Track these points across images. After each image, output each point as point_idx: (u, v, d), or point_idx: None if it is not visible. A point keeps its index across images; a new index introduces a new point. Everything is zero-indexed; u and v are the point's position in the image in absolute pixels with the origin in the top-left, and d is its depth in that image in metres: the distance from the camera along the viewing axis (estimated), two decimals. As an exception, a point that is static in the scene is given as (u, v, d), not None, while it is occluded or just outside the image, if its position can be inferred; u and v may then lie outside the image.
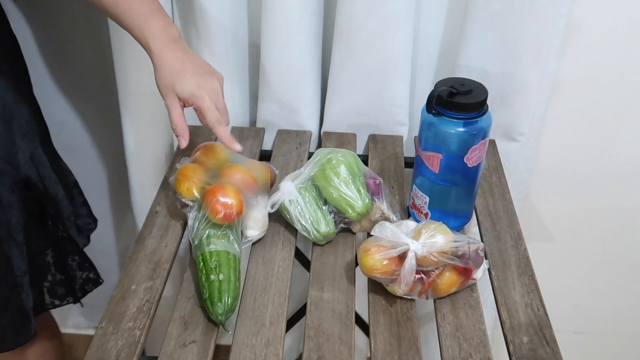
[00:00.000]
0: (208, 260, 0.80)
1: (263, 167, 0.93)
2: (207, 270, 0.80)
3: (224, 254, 0.81)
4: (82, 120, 1.33)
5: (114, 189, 1.43)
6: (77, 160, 1.37)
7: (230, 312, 0.78)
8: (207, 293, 0.78)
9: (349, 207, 0.88)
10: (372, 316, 0.80)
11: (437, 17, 1.08)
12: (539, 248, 1.29)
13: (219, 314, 0.77)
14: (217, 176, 0.88)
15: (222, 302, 0.77)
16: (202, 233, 0.83)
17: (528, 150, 1.15)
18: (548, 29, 1.01)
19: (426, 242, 0.77)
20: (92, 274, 1.10)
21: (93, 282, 1.10)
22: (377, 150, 1.10)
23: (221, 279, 0.78)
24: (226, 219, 0.83)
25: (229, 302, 0.77)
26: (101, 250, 1.53)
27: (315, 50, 1.07)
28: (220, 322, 0.77)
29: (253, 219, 0.88)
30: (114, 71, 1.08)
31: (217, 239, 0.83)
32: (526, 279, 0.85)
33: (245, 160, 0.93)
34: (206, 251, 0.81)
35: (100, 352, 0.74)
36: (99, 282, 1.12)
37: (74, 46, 1.23)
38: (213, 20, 1.03)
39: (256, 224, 0.88)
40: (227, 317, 0.77)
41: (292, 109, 1.11)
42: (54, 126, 1.32)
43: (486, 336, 0.78)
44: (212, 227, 0.84)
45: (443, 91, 0.83)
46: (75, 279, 1.07)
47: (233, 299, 0.78)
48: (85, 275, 1.09)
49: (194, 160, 0.91)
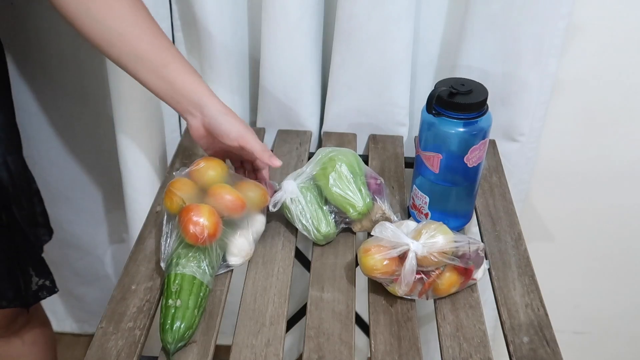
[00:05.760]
0: (171, 283, 0.76)
1: (259, 188, 0.87)
2: (168, 294, 0.76)
3: (189, 279, 0.76)
4: (75, 124, 1.33)
5: (108, 195, 1.43)
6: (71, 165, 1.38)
7: (182, 341, 0.73)
8: (162, 318, 0.74)
9: (349, 206, 0.88)
10: (372, 316, 0.80)
11: (437, 17, 1.08)
12: (539, 248, 1.29)
13: (168, 342, 0.72)
14: (206, 195, 0.83)
15: (172, 330, 0.72)
16: (173, 253, 0.79)
17: (528, 151, 1.15)
18: (548, 29, 1.01)
19: (426, 243, 0.77)
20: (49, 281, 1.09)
21: (48, 290, 1.09)
22: (377, 150, 1.10)
23: (177, 305, 0.74)
24: (195, 240, 0.78)
25: (181, 330, 0.73)
26: (97, 257, 1.54)
27: (315, 50, 1.07)
28: (169, 351, 0.72)
29: (237, 245, 0.84)
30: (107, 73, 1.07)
31: (187, 261, 0.78)
32: (526, 279, 0.85)
33: (242, 179, 0.88)
34: (172, 273, 0.77)
35: (100, 352, 0.74)
36: (54, 290, 1.09)
37: (67, 48, 1.22)
38: (213, 20, 1.03)
39: (239, 251, 0.84)
40: (176, 346, 0.73)
41: (292, 109, 1.11)
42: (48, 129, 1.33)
43: (486, 336, 0.78)
44: (184, 247, 0.79)
45: (443, 91, 0.83)
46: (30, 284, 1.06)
47: (186, 328, 0.73)
48: (41, 282, 1.08)
49: (190, 173, 0.85)
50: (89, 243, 1.51)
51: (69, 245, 1.49)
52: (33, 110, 1.30)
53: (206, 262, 0.79)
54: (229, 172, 0.87)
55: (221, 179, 0.85)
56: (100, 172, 1.39)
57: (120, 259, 1.54)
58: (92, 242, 1.51)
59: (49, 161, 1.36)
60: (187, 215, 0.78)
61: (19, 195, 1.03)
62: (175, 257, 0.79)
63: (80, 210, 1.45)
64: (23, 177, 1.05)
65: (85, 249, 1.52)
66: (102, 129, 1.29)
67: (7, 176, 1.00)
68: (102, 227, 1.49)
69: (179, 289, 0.76)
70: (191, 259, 0.79)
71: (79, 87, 1.27)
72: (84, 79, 1.25)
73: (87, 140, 1.35)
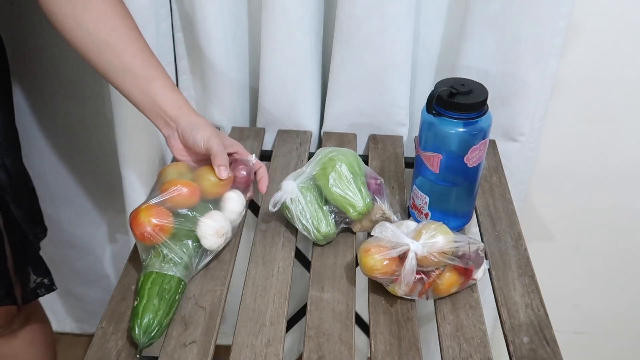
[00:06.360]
0: (138, 285, 0.79)
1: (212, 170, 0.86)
2: (135, 296, 0.78)
3: (147, 276, 0.78)
4: (75, 125, 1.33)
5: (107, 195, 1.43)
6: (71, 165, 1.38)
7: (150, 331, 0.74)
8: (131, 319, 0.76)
9: (349, 206, 0.88)
10: (373, 316, 0.80)
11: (437, 17, 1.08)
12: (539, 248, 1.29)
13: (137, 337, 0.74)
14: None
15: (138, 326, 0.74)
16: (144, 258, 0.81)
17: (528, 151, 1.15)
18: (548, 29, 1.01)
19: (426, 243, 0.76)
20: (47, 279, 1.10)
21: (46, 288, 1.10)
22: (377, 150, 1.10)
23: (137, 302, 0.76)
24: (143, 239, 0.80)
25: (145, 322, 0.74)
26: (97, 257, 1.54)
27: (315, 50, 1.07)
28: (140, 344, 0.73)
29: (201, 228, 0.82)
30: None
31: (150, 260, 0.80)
32: (526, 279, 0.85)
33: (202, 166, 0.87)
34: (140, 276, 0.79)
35: (100, 352, 0.74)
36: (52, 288, 1.10)
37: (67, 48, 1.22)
38: (213, 20, 1.03)
39: (205, 233, 0.82)
40: (149, 337, 0.74)
41: (292, 109, 1.11)
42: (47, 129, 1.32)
43: (486, 336, 0.78)
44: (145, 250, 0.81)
45: (443, 91, 0.83)
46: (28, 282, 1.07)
47: (152, 319, 0.74)
48: (40, 280, 1.09)
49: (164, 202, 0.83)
50: (89, 243, 1.51)
51: (69, 245, 1.49)
52: (33, 111, 1.30)
53: (170, 256, 0.80)
54: (189, 167, 0.88)
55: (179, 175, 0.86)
56: (100, 172, 1.39)
57: (120, 259, 1.53)
58: (92, 242, 1.51)
59: (49, 161, 1.36)
60: (133, 221, 0.80)
61: (18, 196, 1.03)
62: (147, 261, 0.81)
63: (80, 210, 1.45)
64: (21, 178, 1.05)
65: (85, 249, 1.51)
66: (102, 129, 1.29)
67: (5, 177, 1.00)
68: (102, 227, 1.49)
69: (140, 287, 0.78)
70: (153, 258, 0.80)
71: (78, 87, 1.27)
72: (84, 79, 1.25)
73: (87, 141, 1.35)
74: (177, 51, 1.13)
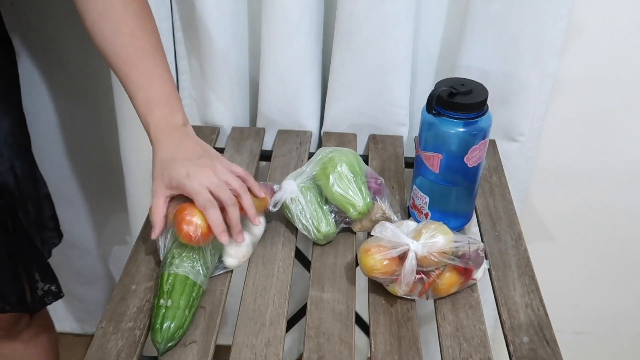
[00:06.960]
0: (164, 283, 0.77)
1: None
2: (160, 293, 0.76)
3: (181, 279, 0.77)
4: (78, 125, 1.32)
5: (109, 195, 1.43)
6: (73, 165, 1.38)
7: (171, 341, 0.73)
8: (153, 317, 0.75)
9: (350, 205, 0.88)
10: (372, 316, 0.80)
11: (437, 17, 1.08)
12: (539, 248, 1.29)
13: (158, 342, 0.73)
14: None
15: (162, 330, 0.73)
16: (169, 253, 0.79)
17: (528, 151, 1.15)
18: (548, 29, 1.01)
19: (426, 243, 0.77)
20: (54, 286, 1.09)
21: (53, 295, 1.09)
22: (377, 150, 1.10)
23: (168, 305, 0.74)
24: (189, 239, 0.78)
25: (170, 330, 0.73)
26: (97, 257, 1.54)
27: (315, 50, 1.07)
28: (158, 351, 0.73)
29: (233, 246, 0.83)
30: (110, 73, 1.08)
31: (181, 261, 0.78)
32: (526, 279, 0.85)
33: None
34: (165, 272, 0.78)
35: (100, 352, 0.74)
36: (59, 295, 1.09)
37: (69, 49, 1.22)
38: (213, 20, 1.03)
39: (235, 253, 0.84)
40: (166, 346, 0.73)
41: (292, 109, 1.11)
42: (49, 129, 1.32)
43: (486, 336, 0.78)
44: (178, 247, 0.79)
45: (443, 91, 0.83)
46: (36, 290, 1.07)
47: (177, 328, 0.74)
48: (47, 288, 1.08)
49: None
50: (89, 243, 1.51)
51: (69, 245, 1.49)
52: (34, 111, 1.30)
53: (200, 262, 0.79)
54: None
55: None
56: (102, 172, 1.39)
57: (120, 259, 1.54)
58: (93, 242, 1.51)
59: (50, 161, 1.36)
60: (181, 214, 0.79)
61: (25, 200, 1.02)
62: (170, 257, 0.79)
63: (81, 210, 1.45)
64: (31, 182, 1.04)
65: (85, 249, 1.52)
66: (104, 129, 1.29)
67: (13, 181, 0.99)
68: (103, 227, 1.49)
69: (170, 289, 0.76)
70: (185, 258, 0.79)
71: (81, 87, 1.27)
72: (87, 79, 1.25)
73: (89, 141, 1.35)
74: (177, 51, 1.13)
